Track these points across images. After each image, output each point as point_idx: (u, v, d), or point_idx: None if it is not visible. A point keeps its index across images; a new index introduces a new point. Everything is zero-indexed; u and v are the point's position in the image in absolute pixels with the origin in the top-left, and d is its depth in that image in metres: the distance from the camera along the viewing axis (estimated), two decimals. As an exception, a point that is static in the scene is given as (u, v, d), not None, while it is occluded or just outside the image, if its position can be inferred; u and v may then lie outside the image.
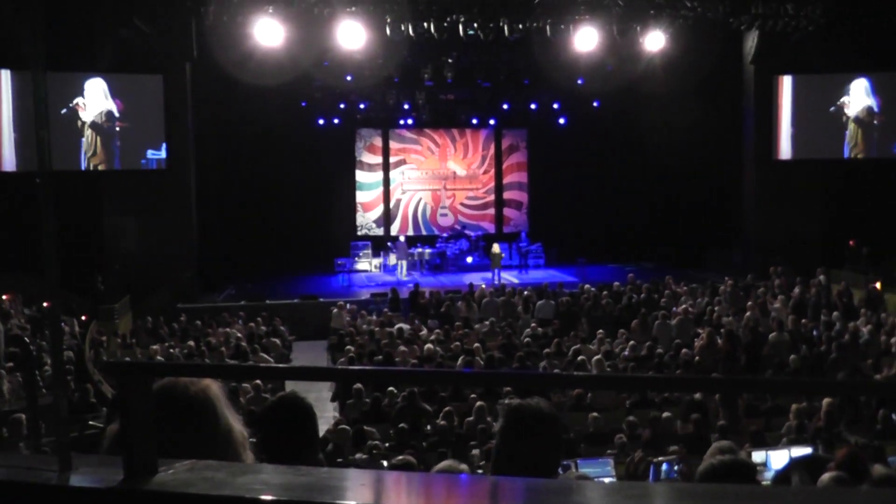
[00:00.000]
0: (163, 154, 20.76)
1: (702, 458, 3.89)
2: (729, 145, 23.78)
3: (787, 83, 22.57)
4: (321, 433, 9.59)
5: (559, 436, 2.65)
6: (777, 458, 7.77)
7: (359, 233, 26.54)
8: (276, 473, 1.57)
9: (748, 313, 15.71)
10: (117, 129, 20.41)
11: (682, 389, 10.27)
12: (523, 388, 10.12)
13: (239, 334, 15.77)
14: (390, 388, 11.61)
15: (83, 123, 20.20)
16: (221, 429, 1.93)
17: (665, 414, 10.00)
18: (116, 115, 20.37)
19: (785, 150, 22.78)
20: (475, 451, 9.16)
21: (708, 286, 18.42)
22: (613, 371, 12.14)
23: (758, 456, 7.74)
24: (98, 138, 20.38)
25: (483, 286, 19.28)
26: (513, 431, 2.58)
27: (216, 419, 1.93)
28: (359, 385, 11.63)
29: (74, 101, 19.99)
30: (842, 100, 22.53)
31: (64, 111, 19.76)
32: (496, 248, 22.75)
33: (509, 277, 22.64)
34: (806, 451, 7.80)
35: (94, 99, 20.17)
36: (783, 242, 21.51)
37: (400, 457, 2.88)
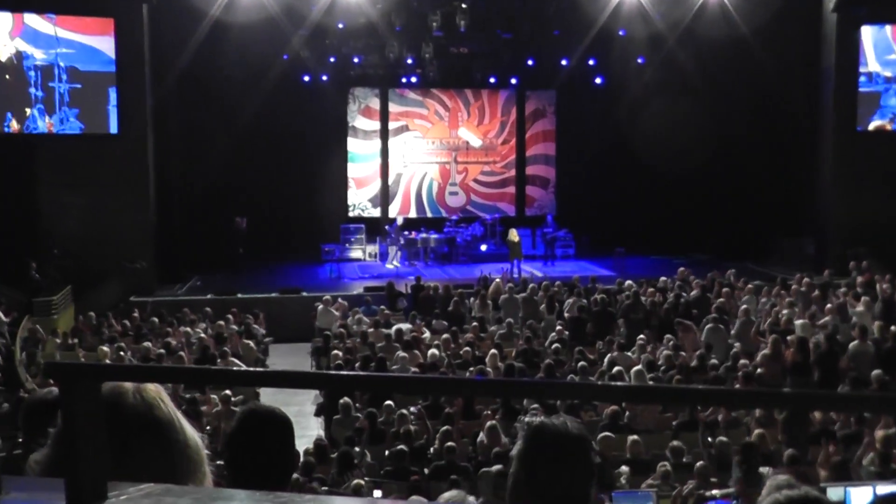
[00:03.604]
0: (114, 115, 20.76)
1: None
2: (803, 112, 23.66)
3: (875, 35, 22.37)
4: (301, 454, 9.65)
5: (590, 463, 2.65)
6: (858, 496, 7.77)
7: (350, 214, 26.55)
8: (250, 501, 1.57)
9: (825, 318, 15.65)
10: (62, 83, 20.41)
11: (739, 405, 10.25)
12: (547, 402, 10.17)
13: (204, 335, 15.81)
14: (387, 402, 11.63)
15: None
16: (175, 443, 1.93)
17: (720, 438, 10.00)
18: (61, 64, 20.38)
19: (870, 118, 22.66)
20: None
21: (775, 284, 18.35)
22: (657, 384, 12.13)
23: (834, 492, 7.73)
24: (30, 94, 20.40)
25: (500, 280, 19.27)
26: (534, 457, 2.58)
27: (170, 431, 1.93)
28: (347, 399, 11.65)
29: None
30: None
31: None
32: (515, 234, 22.72)
33: (532, 270, 22.64)
34: (894, 487, 7.80)
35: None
36: (868, 231, 21.39)
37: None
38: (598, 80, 26.29)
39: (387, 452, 10.47)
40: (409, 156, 27.13)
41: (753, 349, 14.38)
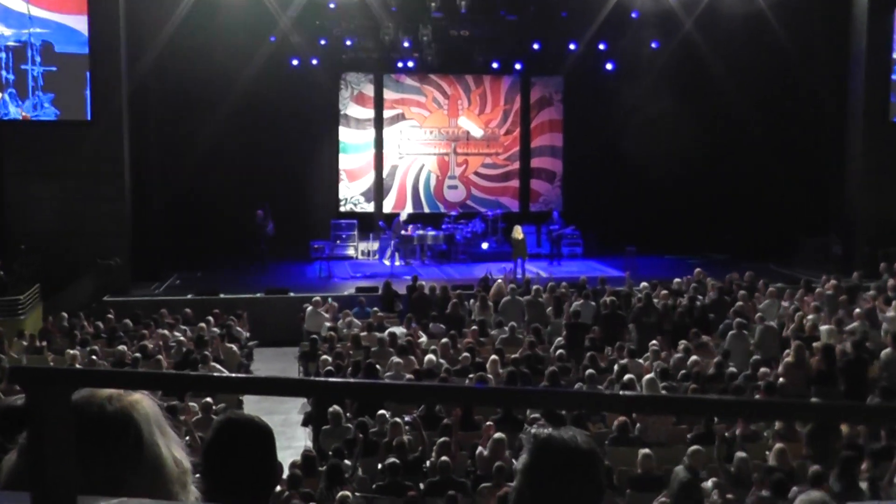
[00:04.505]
0: (87, 99, 20.74)
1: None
2: (830, 102, 23.66)
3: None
4: (286, 466, 9.65)
5: (599, 479, 2.65)
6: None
7: (342, 208, 26.55)
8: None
9: (853, 323, 15.66)
10: (36, 65, 20.38)
11: (759, 417, 10.25)
12: (552, 412, 10.18)
13: (183, 338, 15.81)
14: (381, 411, 11.63)
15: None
16: (146, 459, 1.92)
17: (739, 454, 10.00)
18: (35, 45, 20.34)
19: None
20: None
21: (799, 286, 18.36)
22: (671, 393, 12.13)
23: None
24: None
25: (501, 280, 19.27)
26: (539, 471, 2.58)
27: (139, 447, 1.92)
28: (336, 407, 11.65)
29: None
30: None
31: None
32: (520, 231, 22.72)
33: (536, 270, 22.65)
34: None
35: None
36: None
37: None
38: (608, 66, 26.28)
39: (379, 466, 10.47)
40: (406, 146, 27.12)
41: (777, 357, 14.38)
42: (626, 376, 12.81)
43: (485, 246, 25.06)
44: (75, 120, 20.70)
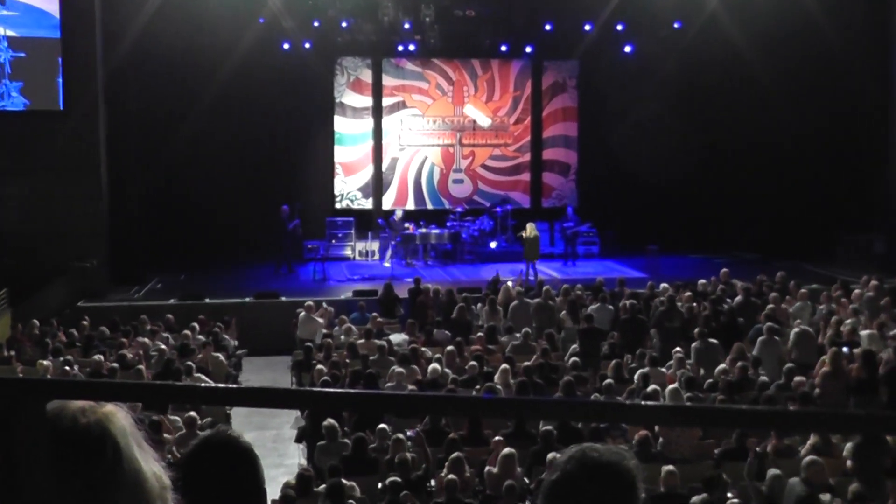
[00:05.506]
0: (59, 87, 20.76)
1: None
2: (871, 89, 23.60)
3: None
4: (280, 485, 9.65)
5: (621, 498, 2.63)
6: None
7: (338, 205, 26.56)
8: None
9: (897, 328, 15.65)
10: (3, 51, 20.45)
11: (794, 429, 10.20)
12: (567, 425, 10.18)
13: (165, 346, 15.83)
14: (381, 426, 11.63)
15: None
16: (126, 475, 1.92)
17: (772, 471, 9.98)
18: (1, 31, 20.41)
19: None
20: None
21: (836, 288, 18.32)
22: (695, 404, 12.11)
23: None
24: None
25: (511, 283, 19.27)
26: (558, 487, 2.57)
27: (118, 461, 1.92)
28: (332, 421, 11.64)
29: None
30: None
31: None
32: (531, 229, 22.72)
33: (549, 271, 22.64)
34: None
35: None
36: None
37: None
38: (627, 49, 26.27)
39: (379, 485, 10.47)
40: (407, 137, 27.13)
41: (812, 365, 14.33)
42: (650, 387, 12.79)
43: (493, 245, 25.05)
44: (46, 110, 20.72)
